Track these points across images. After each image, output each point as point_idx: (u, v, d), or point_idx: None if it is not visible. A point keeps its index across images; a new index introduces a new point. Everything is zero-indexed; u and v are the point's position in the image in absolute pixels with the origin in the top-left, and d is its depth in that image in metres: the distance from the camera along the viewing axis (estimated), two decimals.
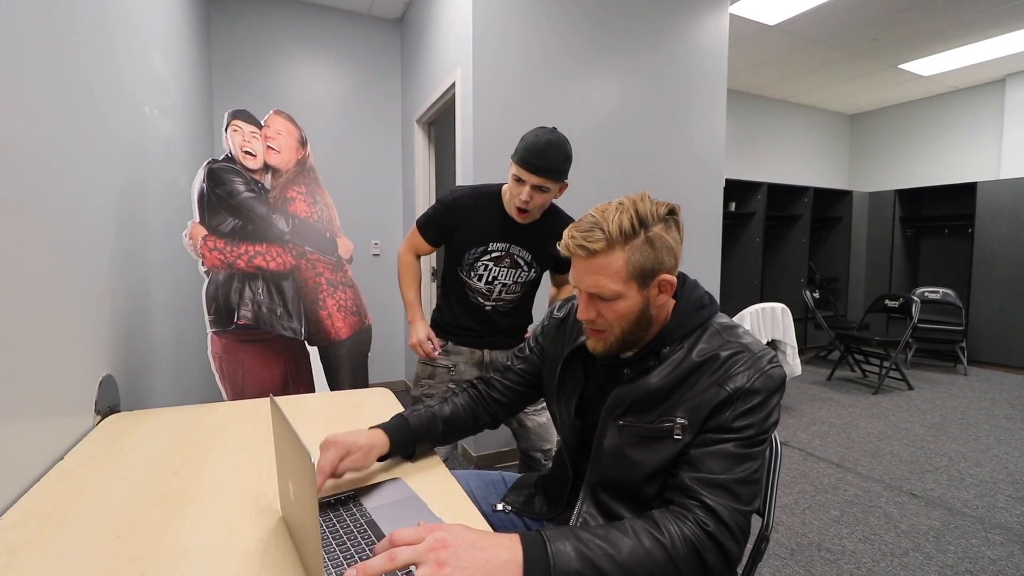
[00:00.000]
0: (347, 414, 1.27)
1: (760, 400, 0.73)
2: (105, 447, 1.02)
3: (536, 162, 1.32)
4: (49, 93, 1.00)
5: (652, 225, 0.76)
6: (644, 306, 0.79)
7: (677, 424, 0.76)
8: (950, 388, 4.09)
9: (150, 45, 1.74)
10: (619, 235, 0.75)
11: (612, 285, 0.77)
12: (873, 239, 5.52)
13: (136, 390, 1.47)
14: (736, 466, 0.71)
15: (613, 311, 0.79)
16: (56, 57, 1.03)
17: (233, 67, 3.26)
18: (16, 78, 0.87)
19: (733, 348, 0.77)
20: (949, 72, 4.75)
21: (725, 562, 0.68)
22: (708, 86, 3.03)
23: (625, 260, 0.76)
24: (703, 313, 0.83)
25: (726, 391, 0.74)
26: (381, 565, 0.54)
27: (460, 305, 1.55)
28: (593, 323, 0.82)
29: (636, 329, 0.81)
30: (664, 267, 0.78)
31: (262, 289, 1.56)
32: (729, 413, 0.73)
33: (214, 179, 1.53)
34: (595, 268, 0.77)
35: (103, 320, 1.24)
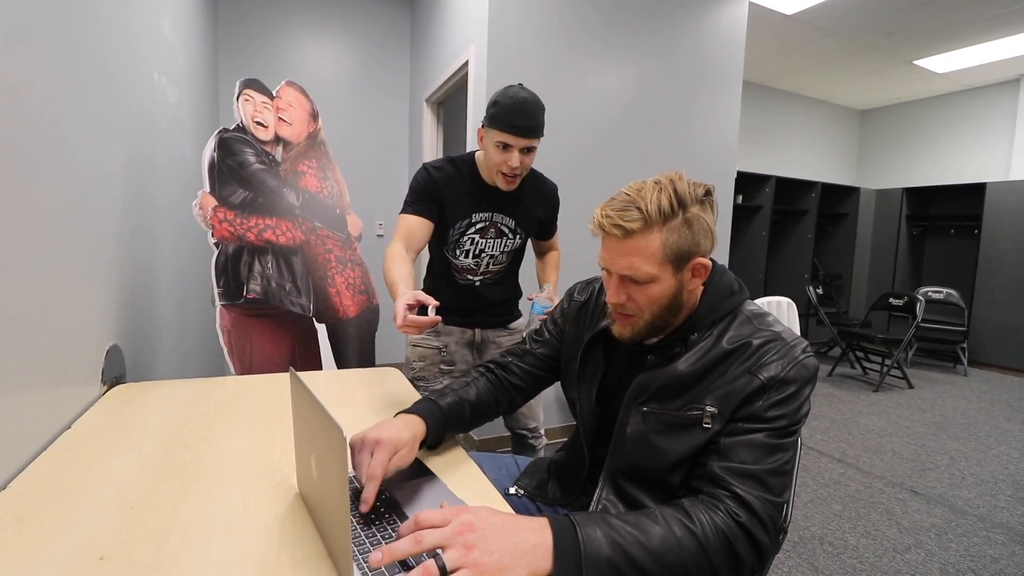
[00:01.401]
0: (360, 393, 1.24)
1: (794, 390, 0.71)
2: (112, 417, 1.00)
3: (523, 123, 1.25)
4: (66, 54, 0.96)
5: (691, 206, 0.73)
6: (677, 290, 0.76)
7: (707, 412, 0.74)
8: (950, 388, 4.09)
9: (160, 10, 1.69)
10: (658, 215, 0.72)
11: (647, 268, 0.73)
12: (879, 237, 5.50)
13: (142, 361, 1.44)
14: (768, 456, 0.69)
15: (645, 295, 0.76)
16: (73, 16, 0.99)
17: (240, 38, 3.19)
18: (34, 38, 0.83)
19: (765, 336, 0.74)
20: (963, 70, 4.69)
21: (756, 554, 0.66)
22: (724, 74, 2.98)
23: (663, 242, 0.72)
24: (733, 300, 0.80)
25: (759, 380, 0.71)
26: (407, 548, 0.52)
27: (448, 288, 1.48)
28: (623, 307, 0.79)
29: (667, 314, 0.78)
30: (700, 250, 0.75)
31: (271, 263, 1.53)
32: (762, 403, 0.71)
33: (225, 149, 1.49)
34: (630, 249, 0.74)
35: (110, 289, 1.21)
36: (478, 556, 0.52)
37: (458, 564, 0.51)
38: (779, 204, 5.03)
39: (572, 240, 2.47)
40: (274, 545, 0.60)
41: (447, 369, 1.50)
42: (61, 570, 0.53)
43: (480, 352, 1.53)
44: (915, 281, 5.51)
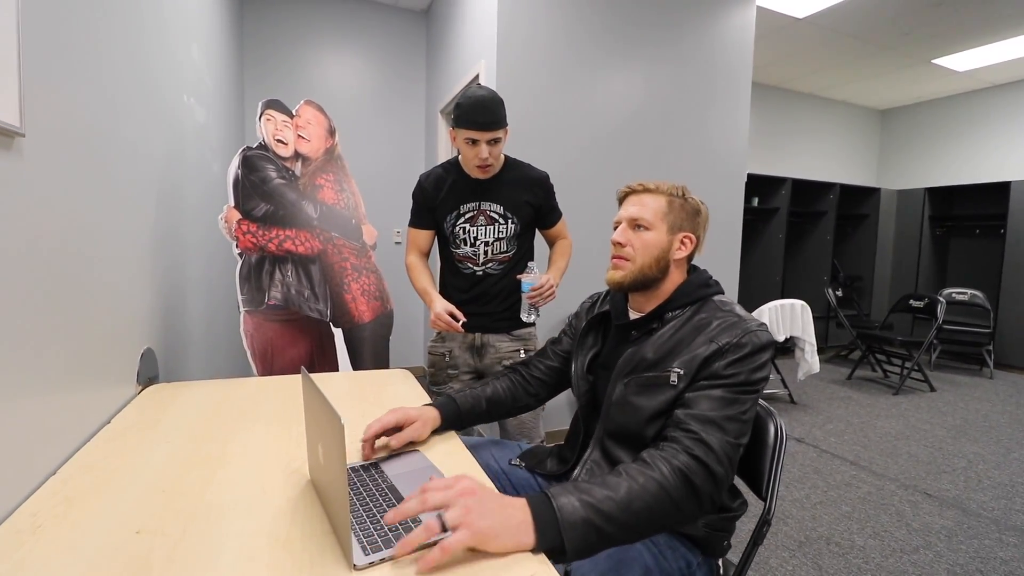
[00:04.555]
0: (370, 392, 1.33)
1: (748, 351, 0.85)
2: (147, 414, 1.10)
3: (483, 119, 1.41)
4: (113, 79, 1.07)
5: (692, 202, 1.01)
6: (666, 247, 0.97)
7: (674, 372, 0.88)
8: (974, 391, 4.01)
9: (189, 36, 1.81)
10: (668, 189, 0.99)
11: (649, 215, 0.97)
12: (901, 238, 5.41)
13: (173, 363, 1.56)
14: (726, 407, 0.82)
15: (642, 240, 0.97)
16: (116, 43, 1.10)
17: (264, 57, 3.35)
18: (86, 63, 0.94)
19: (726, 317, 0.91)
20: (985, 68, 4.60)
21: (712, 484, 0.76)
22: (733, 80, 3.01)
23: (667, 203, 0.98)
24: (705, 290, 0.98)
25: (716, 344, 0.87)
26: (414, 507, 0.60)
27: (455, 278, 1.58)
28: (622, 250, 0.98)
29: (654, 266, 0.96)
30: (690, 228, 0.99)
31: (291, 272, 1.63)
32: (719, 362, 0.85)
33: (248, 165, 1.60)
34: (643, 200, 0.99)
35: (145, 297, 1.32)
36: (475, 519, 0.59)
37: (457, 522, 0.58)
38: (796, 206, 4.99)
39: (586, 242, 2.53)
40: (286, 523, 0.68)
41: (453, 373, 1.58)
42: (103, 542, 0.62)
43: (480, 355, 1.60)
44: (939, 282, 5.40)
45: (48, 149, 0.83)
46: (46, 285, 0.82)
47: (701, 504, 0.76)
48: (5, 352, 0.71)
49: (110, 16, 1.13)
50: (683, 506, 0.74)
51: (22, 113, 0.74)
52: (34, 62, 0.79)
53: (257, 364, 1.55)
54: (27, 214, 0.77)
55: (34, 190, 0.79)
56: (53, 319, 0.85)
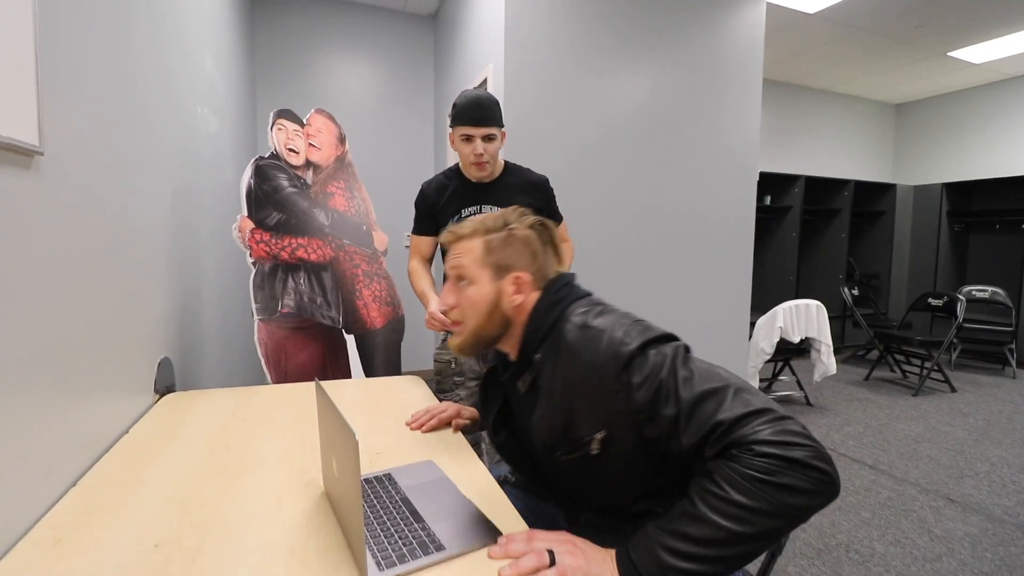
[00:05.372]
0: (383, 400, 1.33)
1: (639, 358, 0.70)
2: (165, 423, 1.11)
3: (476, 114, 1.44)
4: (129, 91, 1.08)
5: (517, 228, 0.86)
6: (495, 298, 0.84)
7: (593, 441, 0.75)
8: (996, 391, 3.92)
9: (203, 47, 1.84)
10: (482, 227, 0.87)
11: (469, 266, 0.85)
12: (918, 234, 5.31)
13: (188, 371, 1.58)
14: (711, 402, 0.65)
15: (467, 298, 0.85)
16: (135, 55, 1.12)
17: (274, 62, 3.38)
18: (107, 75, 0.95)
19: (591, 343, 0.74)
20: (1003, 59, 4.50)
21: (803, 471, 0.59)
22: (743, 79, 2.98)
23: (483, 246, 0.85)
24: (556, 310, 0.82)
25: (609, 387, 0.72)
26: (521, 546, 0.64)
27: None
28: (451, 313, 0.90)
29: (488, 323, 0.85)
30: (520, 266, 0.84)
31: (304, 279, 1.64)
32: (634, 397, 0.70)
33: (260, 175, 1.62)
34: (459, 250, 0.87)
35: (161, 304, 1.34)
36: (582, 563, 0.63)
37: (565, 562, 0.62)
38: (809, 204, 4.93)
39: (591, 244, 2.51)
40: (302, 536, 0.68)
41: (459, 380, 1.58)
42: (123, 556, 0.63)
43: (485, 361, 1.60)
44: (958, 279, 5.29)
45: (66, 165, 0.85)
46: (66, 297, 0.84)
47: (797, 479, 0.59)
48: (28, 364, 0.72)
49: (127, 31, 1.14)
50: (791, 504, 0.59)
51: (40, 131, 0.76)
52: (52, 78, 0.80)
53: (271, 371, 1.57)
54: (47, 230, 0.79)
55: (53, 206, 0.81)
56: (72, 331, 0.86)
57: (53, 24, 0.82)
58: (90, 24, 0.97)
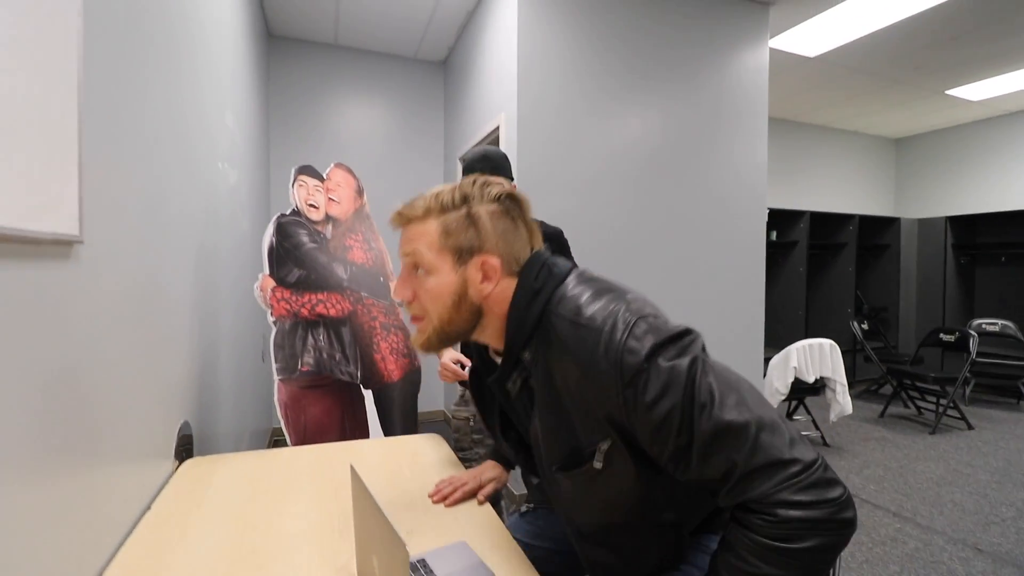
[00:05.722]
0: (405, 463, 1.31)
1: (647, 372, 0.61)
2: (188, 496, 1.09)
3: (484, 165, 1.48)
4: (164, 160, 1.10)
5: (476, 204, 0.72)
6: (460, 288, 0.71)
7: (596, 455, 0.67)
8: (1013, 428, 3.86)
9: (224, 103, 1.88)
10: (436, 204, 0.72)
11: (426, 253, 0.72)
12: (924, 267, 5.32)
13: (203, 432, 1.56)
14: (726, 438, 0.58)
15: (427, 291, 0.72)
16: (163, 118, 1.14)
17: (286, 108, 3.46)
18: (140, 149, 0.97)
19: (581, 347, 0.65)
20: (1001, 96, 4.59)
21: (834, 527, 0.57)
22: (749, 120, 3.03)
23: (440, 229, 0.71)
24: (537, 304, 0.70)
25: (612, 403, 0.63)
26: None
27: None
28: (410, 307, 0.76)
29: (455, 316, 0.72)
30: (486, 249, 0.71)
31: (323, 336, 1.64)
32: (636, 418, 0.62)
33: (282, 233, 1.63)
34: (411, 235, 0.74)
35: (183, 367, 1.33)
36: None
37: None
38: (815, 238, 4.96)
39: None
40: None
41: (478, 438, 1.56)
42: None
43: None
44: (967, 312, 5.27)
45: (103, 247, 0.85)
46: (95, 369, 0.83)
47: (824, 538, 0.56)
48: (60, 439, 0.71)
49: (163, 97, 1.17)
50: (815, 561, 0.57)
51: (81, 218, 0.76)
52: (92, 160, 0.81)
53: (291, 433, 1.55)
54: (82, 314, 0.78)
55: (90, 291, 0.81)
56: (99, 403, 0.85)
57: (94, 100, 0.82)
58: (128, 95, 0.98)
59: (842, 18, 3.17)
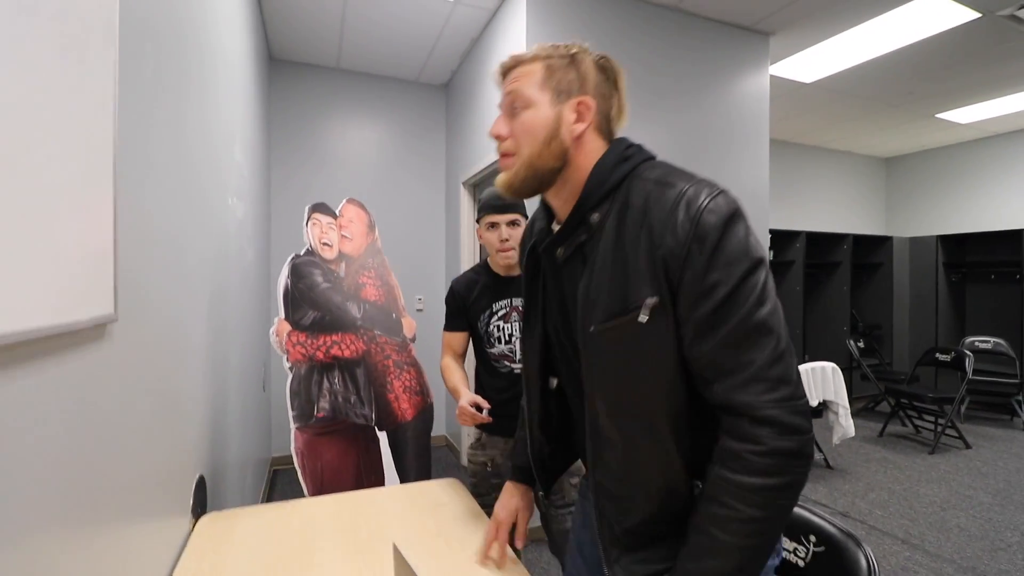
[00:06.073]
0: (428, 514, 1.27)
1: (720, 234, 0.64)
2: (208, 558, 1.05)
3: (499, 202, 1.49)
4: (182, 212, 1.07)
5: (581, 55, 0.77)
6: (555, 124, 0.74)
7: (643, 308, 0.67)
8: (1010, 446, 3.91)
9: (233, 139, 1.85)
10: (544, 50, 0.77)
11: (527, 89, 0.75)
12: (916, 285, 5.40)
13: (215, 478, 1.51)
14: (735, 340, 0.62)
15: (521, 123, 0.75)
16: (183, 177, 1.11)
17: (286, 129, 3.43)
18: (171, 204, 0.94)
19: (659, 195, 0.68)
20: (988, 119, 4.70)
21: (789, 455, 0.62)
22: (752, 144, 3.06)
23: (544, 69, 0.75)
24: (624, 166, 0.75)
25: (664, 248, 0.65)
26: None
27: (491, 380, 1.58)
28: (502, 144, 0.78)
29: (544, 151, 0.74)
30: (584, 90, 0.75)
31: (338, 378, 1.61)
32: (687, 274, 0.64)
33: (297, 274, 1.60)
34: (516, 74, 0.77)
35: (200, 419, 1.29)
36: None
37: None
38: (811, 258, 5.01)
39: None
40: None
41: (496, 483, 1.53)
42: None
43: None
44: (959, 329, 5.35)
45: (133, 319, 0.82)
46: (120, 431, 0.79)
47: (793, 475, 0.62)
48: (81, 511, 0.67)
49: (174, 148, 1.14)
50: (781, 502, 0.63)
51: (116, 297, 0.73)
52: (125, 239, 0.78)
53: (308, 484, 1.50)
54: (114, 388, 0.75)
55: (121, 366, 0.78)
56: (122, 462, 0.81)
57: (126, 165, 0.79)
58: (156, 151, 0.96)
59: (838, 48, 3.23)
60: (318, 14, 2.85)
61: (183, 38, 1.19)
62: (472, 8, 2.76)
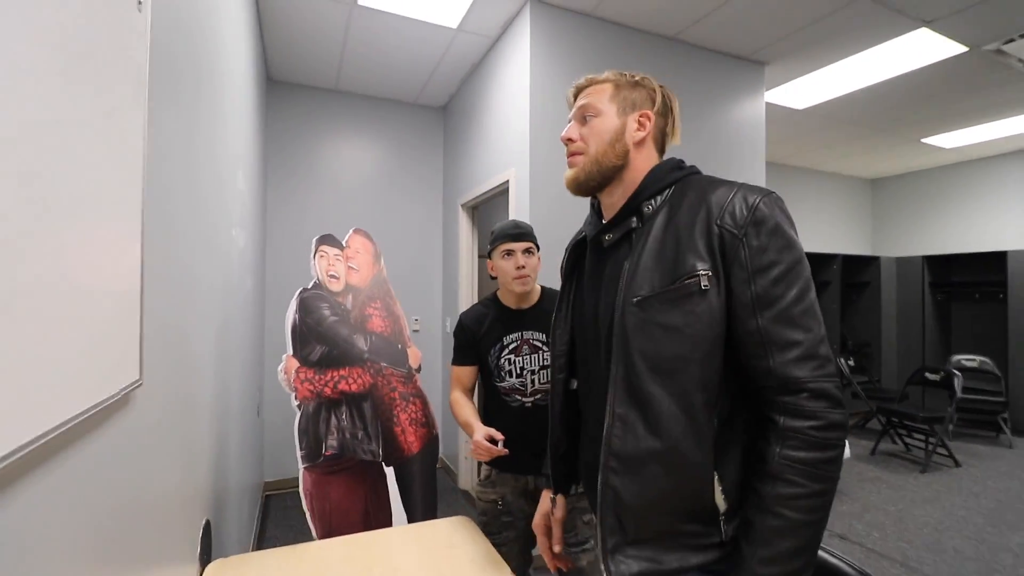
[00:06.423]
0: (441, 557, 1.25)
1: (772, 225, 0.73)
2: None
3: (515, 231, 1.52)
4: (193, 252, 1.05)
5: (646, 81, 0.91)
6: (619, 130, 0.87)
7: (701, 275, 0.74)
8: (997, 464, 3.97)
9: (236, 168, 1.83)
10: (613, 73, 0.91)
11: (597, 102, 0.89)
12: (903, 304, 5.50)
13: (217, 521, 1.47)
14: (790, 315, 0.71)
15: (591, 129, 0.89)
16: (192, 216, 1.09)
17: (284, 151, 3.42)
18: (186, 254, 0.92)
19: (717, 189, 0.78)
20: (970, 145, 4.84)
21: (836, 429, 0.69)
22: (748, 167, 3.12)
23: (613, 87, 0.89)
24: (678, 172, 0.86)
25: (725, 228, 0.74)
26: None
27: (501, 415, 1.53)
28: (573, 144, 0.91)
29: (609, 151, 0.86)
30: (646, 107, 0.89)
31: (345, 414, 1.58)
32: (742, 253, 0.73)
33: (304, 309, 1.58)
34: (589, 92, 0.91)
35: (207, 461, 1.26)
36: None
37: None
38: None
39: None
40: None
41: (507, 521, 1.51)
42: None
43: (535, 501, 1.53)
44: (945, 347, 5.45)
45: (155, 377, 0.80)
46: (138, 497, 0.77)
47: (841, 445, 0.69)
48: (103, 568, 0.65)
49: (190, 186, 1.12)
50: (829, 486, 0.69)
51: (142, 361, 0.71)
52: (149, 303, 0.77)
53: (316, 525, 1.47)
54: (137, 455, 0.73)
55: (145, 432, 0.76)
56: (134, 521, 0.79)
57: (152, 223, 0.77)
58: (175, 198, 0.94)
59: (830, 77, 3.31)
60: (320, 38, 2.86)
61: (198, 66, 1.17)
62: (474, 36, 2.78)
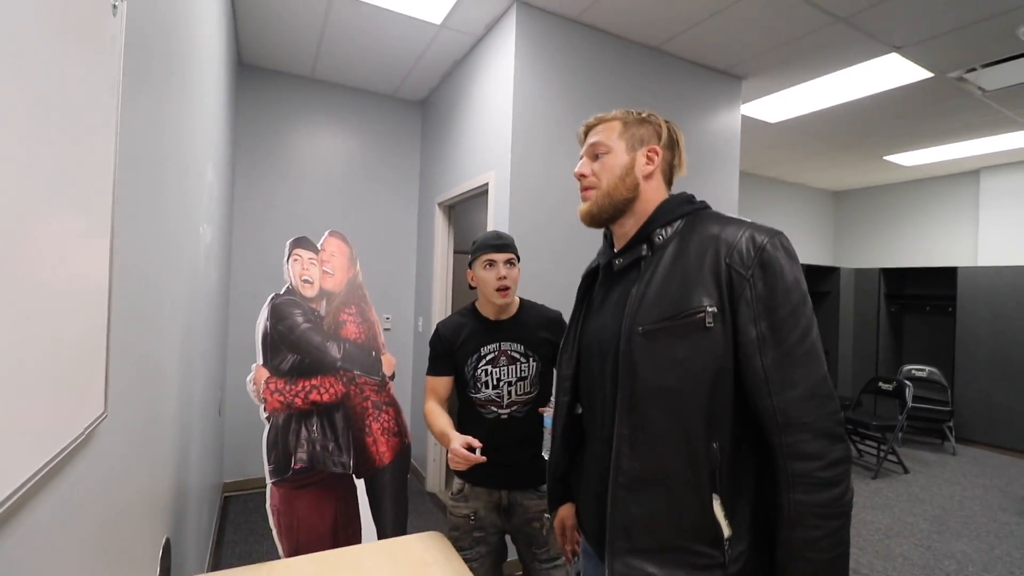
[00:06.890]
0: (415, 575, 1.22)
1: (778, 268, 0.76)
2: None
3: (497, 242, 1.52)
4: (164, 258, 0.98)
5: (652, 117, 0.95)
6: (629, 165, 0.92)
7: (707, 312, 0.77)
8: (942, 471, 4.18)
9: (208, 156, 1.74)
10: (620, 112, 0.96)
11: (607, 139, 0.93)
12: (860, 315, 5.72)
13: (176, 526, 1.40)
14: (793, 356, 0.74)
15: (603, 164, 0.93)
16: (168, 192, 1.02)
17: (254, 138, 3.28)
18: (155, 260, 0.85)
19: (725, 228, 0.82)
20: (930, 164, 5.06)
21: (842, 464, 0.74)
22: (723, 178, 3.17)
23: (621, 124, 0.94)
24: (688, 207, 0.91)
25: (737, 271, 0.77)
26: None
27: (475, 427, 1.50)
28: (585, 179, 0.95)
29: (620, 184, 0.91)
30: (653, 142, 0.93)
31: (316, 425, 1.53)
32: (749, 294, 0.76)
33: (276, 315, 1.51)
34: (599, 130, 0.95)
35: (167, 475, 1.19)
36: None
37: None
38: None
39: None
40: None
41: (479, 536, 1.49)
42: None
43: (508, 516, 1.52)
44: (897, 357, 5.71)
45: (119, 407, 0.74)
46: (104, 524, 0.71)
47: (848, 478, 0.75)
48: None
49: (154, 181, 1.05)
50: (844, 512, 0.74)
51: (107, 393, 0.65)
52: (116, 330, 0.71)
53: (283, 543, 1.41)
54: (100, 491, 0.68)
55: (108, 466, 0.70)
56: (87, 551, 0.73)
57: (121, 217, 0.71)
58: (139, 196, 0.87)
59: (803, 94, 3.39)
60: (296, 23, 2.74)
61: (169, 43, 1.08)
62: (458, 33, 2.72)
